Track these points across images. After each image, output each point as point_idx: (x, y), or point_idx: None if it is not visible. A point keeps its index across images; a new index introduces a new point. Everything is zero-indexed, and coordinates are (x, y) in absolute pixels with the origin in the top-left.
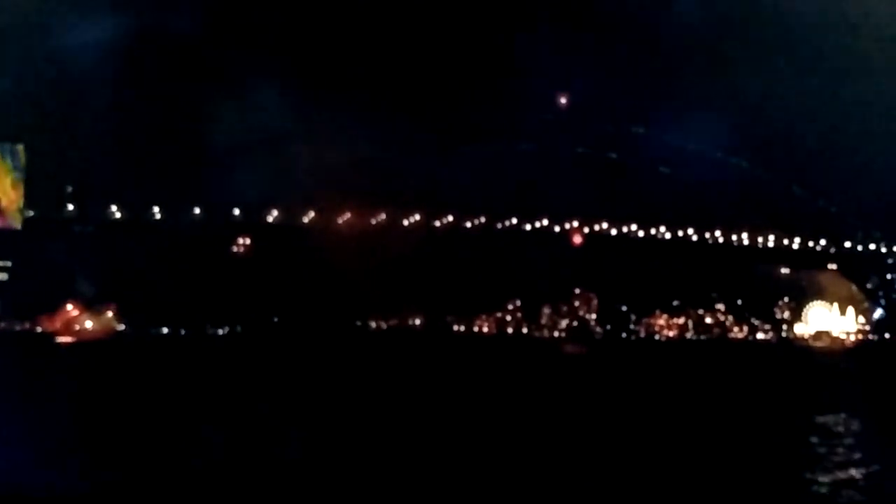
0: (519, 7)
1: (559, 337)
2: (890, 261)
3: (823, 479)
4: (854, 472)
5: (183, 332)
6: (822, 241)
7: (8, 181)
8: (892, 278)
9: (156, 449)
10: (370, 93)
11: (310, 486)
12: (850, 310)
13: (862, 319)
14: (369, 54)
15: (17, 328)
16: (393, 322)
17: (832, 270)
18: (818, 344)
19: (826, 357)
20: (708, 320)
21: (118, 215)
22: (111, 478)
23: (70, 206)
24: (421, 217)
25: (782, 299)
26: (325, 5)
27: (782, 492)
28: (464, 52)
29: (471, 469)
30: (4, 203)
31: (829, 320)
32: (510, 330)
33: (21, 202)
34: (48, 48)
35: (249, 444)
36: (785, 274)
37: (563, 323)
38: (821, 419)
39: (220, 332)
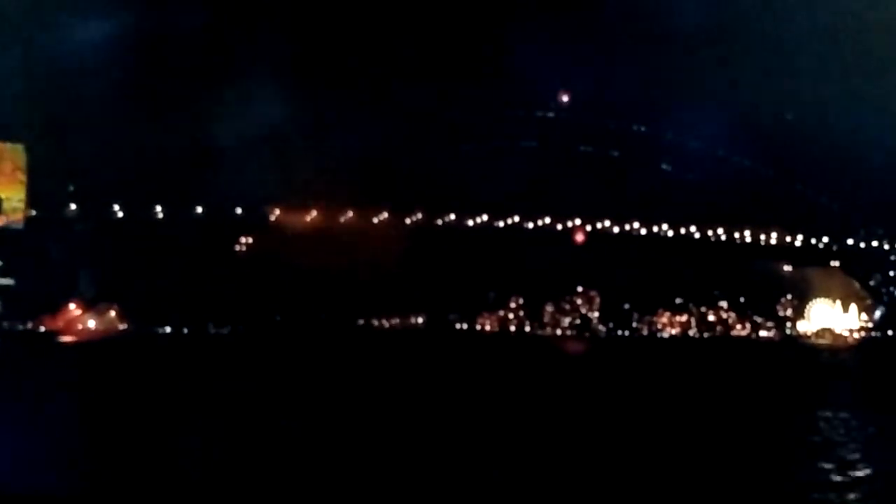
0: (520, 3)
1: (562, 335)
2: (892, 258)
3: (825, 477)
4: (856, 471)
5: (185, 331)
6: (825, 239)
7: (10, 180)
8: (895, 275)
9: (158, 448)
10: (372, 90)
11: (311, 485)
12: (853, 307)
13: (864, 316)
14: (370, 51)
15: (20, 328)
16: (395, 321)
17: (835, 268)
18: (821, 341)
19: (829, 354)
20: (710, 318)
21: (120, 214)
22: (112, 477)
23: (72, 206)
24: (423, 215)
25: (785, 297)
26: (327, 2)
27: (784, 490)
28: (465, 48)
29: (472, 467)
30: (7, 203)
31: (831, 317)
32: (513, 328)
33: (23, 201)
34: (50, 47)
35: (250, 443)
36: (787, 271)
37: (566, 321)
38: (823, 416)
39: (223, 331)
